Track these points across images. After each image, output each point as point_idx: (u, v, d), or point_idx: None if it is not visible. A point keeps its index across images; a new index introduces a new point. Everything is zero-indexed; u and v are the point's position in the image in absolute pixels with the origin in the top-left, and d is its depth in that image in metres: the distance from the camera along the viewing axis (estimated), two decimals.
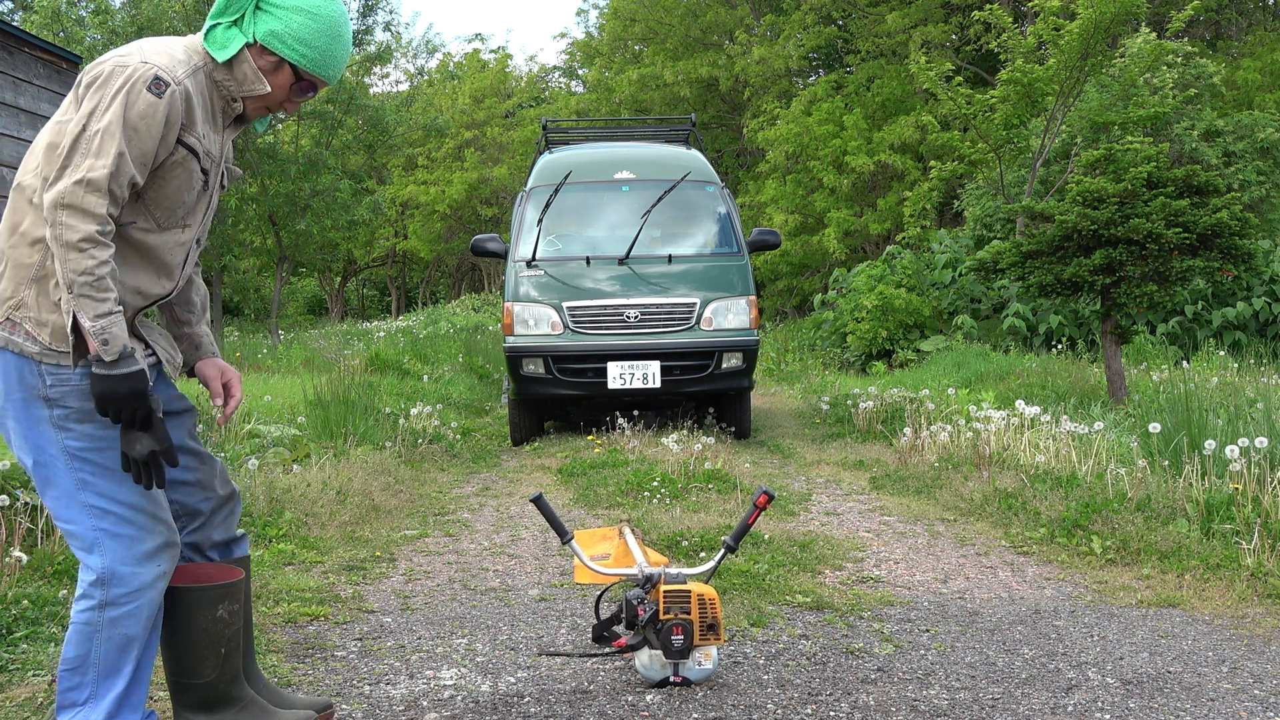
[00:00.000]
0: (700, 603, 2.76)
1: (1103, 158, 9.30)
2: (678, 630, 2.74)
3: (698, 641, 2.77)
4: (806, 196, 21.45)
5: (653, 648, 2.79)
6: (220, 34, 2.16)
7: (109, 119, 2.00)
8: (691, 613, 2.76)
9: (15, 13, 23.65)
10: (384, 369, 11.82)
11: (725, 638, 2.84)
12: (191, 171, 2.15)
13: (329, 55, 2.20)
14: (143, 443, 2.10)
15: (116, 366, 2.02)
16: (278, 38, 2.15)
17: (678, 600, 2.76)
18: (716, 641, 2.79)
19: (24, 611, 3.05)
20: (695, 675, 2.81)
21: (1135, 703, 2.72)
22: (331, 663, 3.02)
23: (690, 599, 2.76)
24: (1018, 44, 14.68)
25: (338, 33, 2.20)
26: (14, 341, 2.07)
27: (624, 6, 27.64)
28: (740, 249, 7.95)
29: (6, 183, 6.71)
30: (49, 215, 1.98)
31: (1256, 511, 3.99)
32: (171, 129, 2.07)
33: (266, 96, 2.21)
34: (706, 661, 2.81)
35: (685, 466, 5.95)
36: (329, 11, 2.18)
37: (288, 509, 4.73)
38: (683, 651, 2.76)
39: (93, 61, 2.13)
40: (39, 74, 7.12)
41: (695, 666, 2.81)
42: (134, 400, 2.06)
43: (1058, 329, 13.61)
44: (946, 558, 4.38)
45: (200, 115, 2.14)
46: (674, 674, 2.80)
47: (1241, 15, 24.20)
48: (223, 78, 2.18)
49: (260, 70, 2.18)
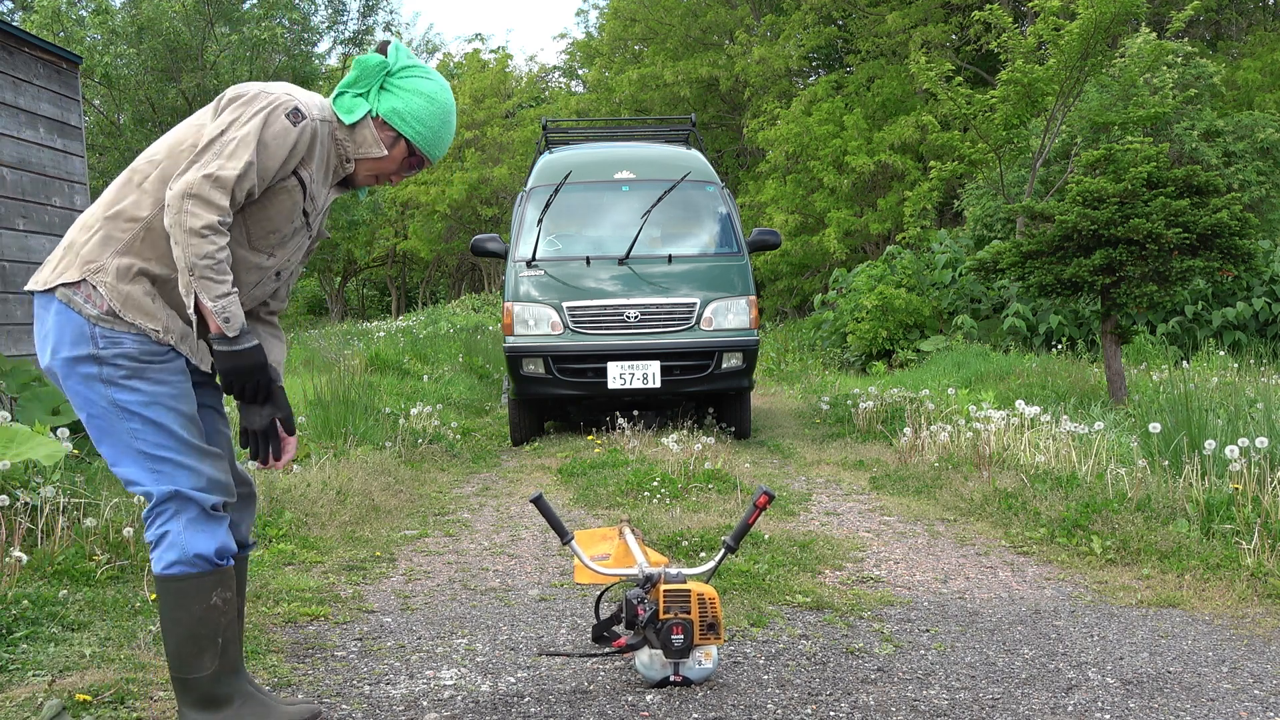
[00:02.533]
0: (700, 602, 2.76)
1: (1103, 158, 9.29)
2: (677, 630, 2.74)
3: (698, 641, 2.77)
4: (806, 196, 21.44)
5: (653, 647, 2.79)
6: (348, 100, 2.40)
7: (247, 130, 2.21)
8: (691, 612, 2.76)
9: (15, 13, 23.65)
10: (384, 369, 11.83)
11: (725, 637, 2.84)
12: (296, 202, 2.34)
13: (440, 137, 2.46)
14: (262, 415, 2.34)
15: (238, 342, 2.23)
16: (399, 115, 2.40)
17: (678, 600, 2.76)
18: (716, 641, 2.79)
19: (24, 611, 3.05)
20: (695, 675, 2.81)
21: (1135, 703, 2.72)
22: (331, 663, 3.02)
23: (690, 599, 2.76)
24: (1018, 44, 14.67)
25: (449, 119, 2.47)
26: (75, 300, 2.22)
27: (624, 6, 27.63)
28: (740, 249, 7.95)
29: (6, 183, 6.72)
30: (175, 203, 2.14)
31: (1256, 511, 3.99)
32: (294, 157, 2.28)
33: (379, 163, 2.44)
34: (707, 661, 2.81)
35: (685, 466, 5.95)
36: (444, 99, 2.44)
37: (288, 509, 4.73)
38: (683, 651, 2.76)
39: (236, 85, 2.38)
40: (39, 74, 7.12)
41: (695, 666, 2.81)
42: (256, 373, 2.28)
43: (1058, 329, 13.61)
44: (946, 558, 4.38)
45: (317, 159, 2.35)
46: (674, 673, 2.80)
47: (1241, 15, 24.20)
48: (343, 137, 2.41)
49: (380, 140, 2.42)
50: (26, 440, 4.03)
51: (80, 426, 5.42)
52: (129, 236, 2.24)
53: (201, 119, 2.32)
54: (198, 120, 2.33)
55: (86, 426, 2.28)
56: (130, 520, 3.95)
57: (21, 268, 6.81)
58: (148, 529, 2.29)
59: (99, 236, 2.25)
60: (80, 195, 7.55)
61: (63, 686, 2.60)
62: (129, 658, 2.84)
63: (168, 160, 2.26)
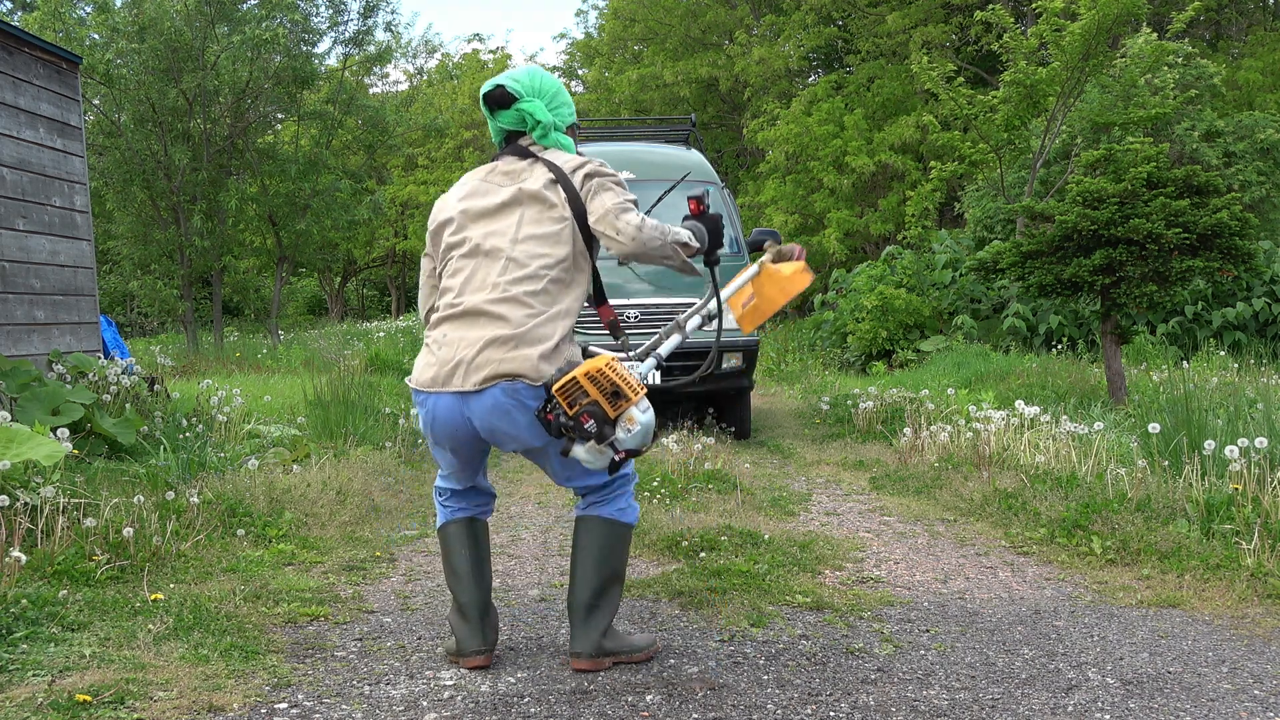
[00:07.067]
0: (592, 380, 2.69)
1: (1103, 158, 9.30)
2: (586, 418, 2.69)
3: (612, 414, 2.69)
4: (806, 197, 21.45)
5: (582, 442, 2.74)
6: (555, 137, 3.01)
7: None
8: (590, 394, 2.69)
9: (15, 12, 23.65)
10: (384, 369, 11.83)
11: (638, 394, 2.73)
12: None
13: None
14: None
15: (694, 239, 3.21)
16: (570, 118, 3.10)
17: (570, 392, 2.70)
18: (630, 403, 2.70)
19: (24, 611, 3.05)
20: (633, 443, 2.73)
21: (1135, 703, 2.72)
22: (331, 663, 3.02)
23: (580, 384, 2.69)
24: (1019, 44, 14.68)
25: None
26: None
27: (624, 7, 27.63)
28: (740, 250, 7.95)
29: (6, 183, 6.71)
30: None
31: (1256, 511, 3.99)
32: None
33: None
34: (633, 425, 2.72)
35: (685, 466, 5.95)
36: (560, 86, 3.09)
37: (288, 509, 4.73)
38: (603, 433, 2.70)
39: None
40: (39, 74, 7.12)
41: (626, 436, 2.72)
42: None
43: (1058, 329, 13.62)
44: (946, 558, 4.38)
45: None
46: (615, 454, 2.74)
47: (1242, 15, 24.21)
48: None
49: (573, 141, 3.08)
50: (26, 440, 4.03)
51: (80, 426, 5.42)
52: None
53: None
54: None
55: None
56: (130, 520, 3.95)
57: (21, 268, 6.81)
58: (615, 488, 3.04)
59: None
60: (80, 195, 7.55)
61: (62, 686, 2.60)
62: (129, 658, 2.84)
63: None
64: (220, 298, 19.03)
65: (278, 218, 17.97)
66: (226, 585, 3.67)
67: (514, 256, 2.83)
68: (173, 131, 16.76)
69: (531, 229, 2.86)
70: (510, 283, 2.80)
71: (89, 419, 5.48)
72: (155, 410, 6.38)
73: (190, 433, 5.88)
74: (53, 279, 7.13)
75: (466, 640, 2.99)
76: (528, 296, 2.79)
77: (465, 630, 3.00)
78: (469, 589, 3.02)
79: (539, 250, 2.84)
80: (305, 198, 18.05)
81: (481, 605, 3.02)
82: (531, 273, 2.81)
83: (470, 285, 2.85)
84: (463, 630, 3.00)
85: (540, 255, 2.83)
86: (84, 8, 16.73)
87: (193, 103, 16.50)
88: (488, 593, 3.06)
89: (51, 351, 6.91)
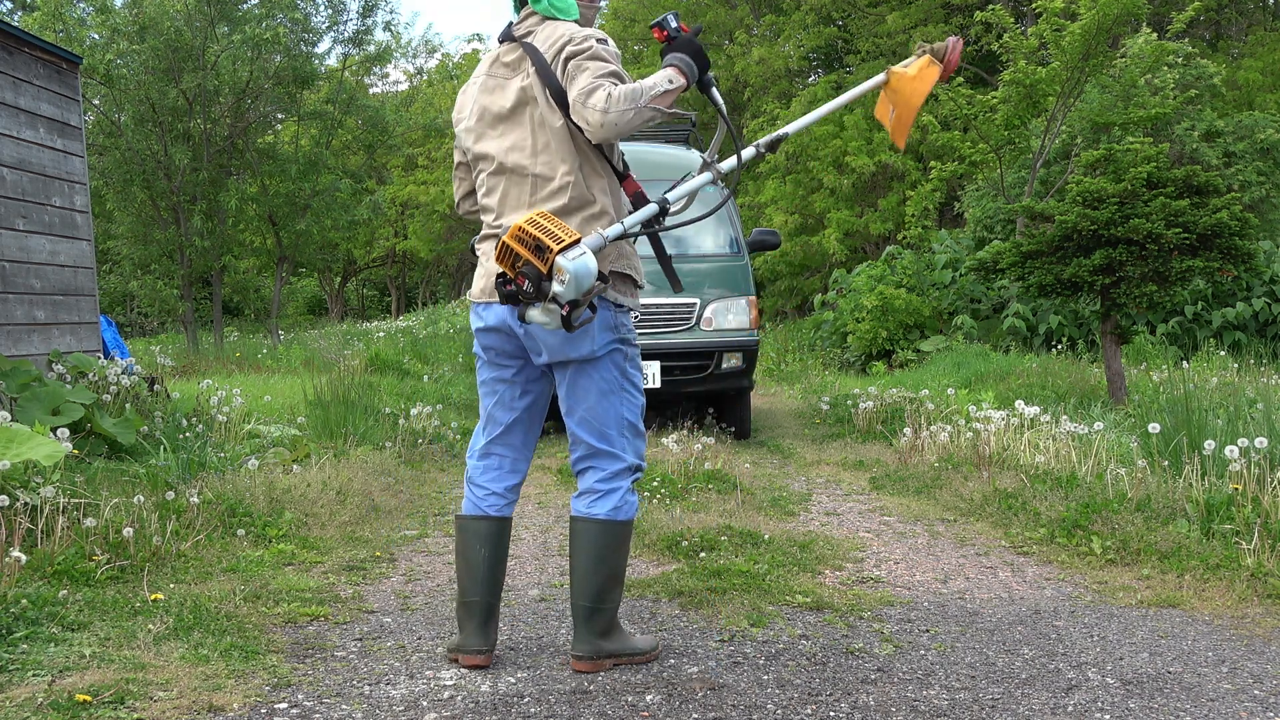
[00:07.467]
0: (518, 239, 2.64)
1: (1103, 158, 9.30)
2: (521, 279, 2.64)
3: (542, 267, 2.61)
4: (806, 197, 21.45)
5: (529, 303, 2.68)
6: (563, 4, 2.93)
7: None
8: (521, 254, 2.64)
9: (15, 12, 23.65)
10: (384, 369, 11.84)
11: (561, 243, 2.62)
12: None
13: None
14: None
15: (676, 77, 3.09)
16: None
17: (506, 256, 2.66)
18: (555, 253, 2.60)
19: (24, 611, 3.05)
20: (568, 294, 2.62)
21: (1135, 703, 2.72)
22: (331, 663, 3.02)
23: (510, 246, 2.65)
24: (1019, 44, 14.68)
25: None
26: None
27: (624, 7, 27.63)
28: (740, 249, 7.96)
29: (6, 183, 6.71)
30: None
31: (1256, 511, 3.99)
32: None
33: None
34: (563, 275, 2.60)
35: (685, 466, 5.95)
36: None
37: (288, 509, 4.73)
38: (541, 290, 2.63)
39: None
40: (39, 74, 7.12)
41: (561, 287, 2.62)
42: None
43: (1058, 329, 13.62)
44: (946, 558, 4.38)
45: None
46: (560, 307, 2.65)
47: (1242, 15, 24.21)
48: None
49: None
50: (26, 440, 4.03)
51: (80, 426, 5.42)
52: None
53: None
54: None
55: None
56: (130, 520, 3.95)
57: (21, 268, 6.81)
58: (613, 480, 2.96)
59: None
60: (80, 195, 7.55)
61: (62, 686, 2.60)
62: (129, 658, 2.84)
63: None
64: (220, 298, 19.04)
65: (278, 218, 17.97)
66: (226, 585, 3.67)
67: (538, 173, 2.88)
68: (173, 131, 16.76)
69: (544, 137, 2.88)
70: (540, 200, 2.88)
71: (89, 419, 5.48)
72: (155, 410, 6.38)
73: (190, 433, 5.88)
74: (53, 279, 7.13)
75: (470, 638, 3.00)
76: (559, 211, 2.86)
77: (470, 627, 3.01)
78: (482, 589, 3.03)
79: (557, 161, 2.87)
80: (305, 198, 18.05)
81: (490, 606, 3.03)
82: (557, 186, 2.87)
83: (507, 205, 2.94)
84: (468, 627, 3.01)
85: (559, 165, 2.87)
86: (84, 8, 16.71)
87: (193, 103, 16.50)
88: (498, 594, 3.06)
89: (51, 351, 6.91)
